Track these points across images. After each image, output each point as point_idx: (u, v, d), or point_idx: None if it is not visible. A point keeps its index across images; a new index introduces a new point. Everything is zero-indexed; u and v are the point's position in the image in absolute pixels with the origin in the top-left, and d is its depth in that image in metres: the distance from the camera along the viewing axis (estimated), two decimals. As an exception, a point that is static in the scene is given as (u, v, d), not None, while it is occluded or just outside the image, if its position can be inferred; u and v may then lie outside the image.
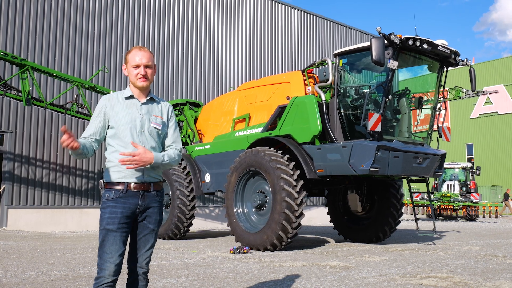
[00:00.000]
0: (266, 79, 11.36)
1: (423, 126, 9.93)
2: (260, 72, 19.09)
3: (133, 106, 3.11)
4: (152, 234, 3.11)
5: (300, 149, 9.03)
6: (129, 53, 3.13)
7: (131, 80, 3.13)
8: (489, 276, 5.79)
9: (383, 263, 6.96)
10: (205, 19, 17.93)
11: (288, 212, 8.31)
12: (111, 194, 2.99)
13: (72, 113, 12.73)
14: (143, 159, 2.93)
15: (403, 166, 8.56)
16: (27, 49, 13.94)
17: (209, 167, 11.02)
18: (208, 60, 17.73)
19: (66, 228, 13.92)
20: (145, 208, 3.05)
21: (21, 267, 6.33)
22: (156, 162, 3.00)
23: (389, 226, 10.22)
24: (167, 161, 3.08)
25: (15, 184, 13.32)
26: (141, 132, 3.06)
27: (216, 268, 6.43)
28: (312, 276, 5.74)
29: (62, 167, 14.15)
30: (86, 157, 3.05)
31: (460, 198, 22.14)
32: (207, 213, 16.88)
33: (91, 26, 15.17)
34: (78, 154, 2.92)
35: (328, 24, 22.06)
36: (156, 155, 3.01)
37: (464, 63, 9.62)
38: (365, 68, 9.76)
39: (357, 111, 9.12)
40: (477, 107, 39.20)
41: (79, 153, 2.90)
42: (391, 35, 8.34)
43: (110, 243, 2.92)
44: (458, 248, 9.14)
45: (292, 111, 9.24)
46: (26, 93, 11.70)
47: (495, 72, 38.33)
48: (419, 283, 5.30)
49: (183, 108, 12.68)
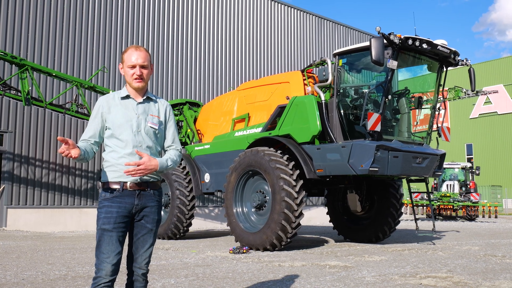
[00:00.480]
0: (265, 79, 11.35)
1: (423, 126, 9.93)
2: (259, 72, 19.09)
3: (129, 106, 3.09)
4: (151, 234, 3.08)
5: (299, 149, 9.03)
6: (125, 53, 3.09)
7: (127, 80, 3.11)
8: (488, 276, 5.79)
9: (382, 263, 6.96)
10: (205, 19, 17.92)
11: (288, 212, 8.30)
12: (107, 194, 2.99)
13: (72, 113, 12.73)
14: (148, 167, 2.93)
15: (402, 166, 8.55)
16: (27, 49, 13.93)
17: (209, 167, 11.02)
18: (207, 60, 17.73)
19: (65, 228, 13.92)
20: (141, 207, 3.03)
21: (20, 267, 6.32)
22: (161, 168, 3.02)
23: (388, 226, 10.22)
24: (171, 165, 3.10)
25: (15, 184, 13.31)
26: (138, 131, 3.04)
27: (216, 268, 6.43)
28: (312, 276, 5.74)
29: (61, 167, 14.14)
30: (87, 161, 3.08)
31: (459, 198, 22.15)
32: (206, 213, 16.87)
33: (90, 25, 15.17)
34: (80, 160, 2.94)
35: (328, 24, 22.05)
36: (160, 162, 3.01)
37: (464, 63, 9.62)
38: (365, 68, 9.76)
39: (357, 111, 9.11)
40: (477, 107, 39.22)
41: (80, 159, 2.92)
42: (390, 35, 8.33)
43: (106, 243, 2.91)
44: (457, 248, 9.14)
45: (291, 111, 9.24)
46: (26, 93, 11.69)
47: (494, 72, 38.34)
48: (418, 283, 5.30)
49: (182, 108, 12.67)
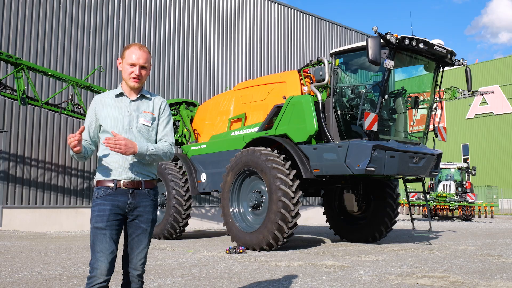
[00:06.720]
0: (262, 78, 11.34)
1: (419, 126, 9.94)
2: (256, 71, 19.08)
3: (123, 104, 3.07)
4: (145, 234, 3.04)
5: (296, 148, 9.02)
6: (127, 49, 3.05)
7: (123, 77, 3.08)
8: (485, 276, 5.79)
9: (379, 263, 6.95)
10: (202, 18, 17.89)
11: (284, 212, 8.29)
12: (101, 192, 2.97)
13: (68, 113, 12.66)
14: (128, 144, 2.84)
15: (399, 165, 8.55)
16: (22, 48, 13.87)
17: (205, 166, 10.99)
18: (204, 60, 17.70)
19: (61, 228, 13.86)
20: (135, 206, 2.99)
21: (16, 267, 6.28)
22: (140, 150, 2.90)
23: (385, 226, 10.22)
24: (153, 149, 2.97)
25: (10, 184, 13.25)
26: (129, 129, 3.01)
27: (212, 268, 6.41)
28: (308, 276, 5.73)
29: (57, 167, 14.08)
30: (85, 159, 3.05)
31: (455, 198, 22.20)
32: (203, 213, 16.84)
33: (86, 25, 15.12)
34: (79, 157, 2.94)
35: (325, 24, 22.06)
36: (139, 144, 2.92)
37: (460, 63, 9.64)
38: (362, 67, 9.76)
39: (353, 111, 9.11)
40: (473, 107, 39.33)
41: (80, 156, 2.92)
42: (387, 34, 8.33)
43: (100, 241, 2.89)
44: (454, 248, 9.15)
45: (288, 110, 9.23)
46: (21, 92, 11.62)
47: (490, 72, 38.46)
48: (415, 283, 5.29)
49: (179, 108, 12.63)
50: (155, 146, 3.01)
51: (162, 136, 3.13)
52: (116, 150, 2.84)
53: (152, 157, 2.99)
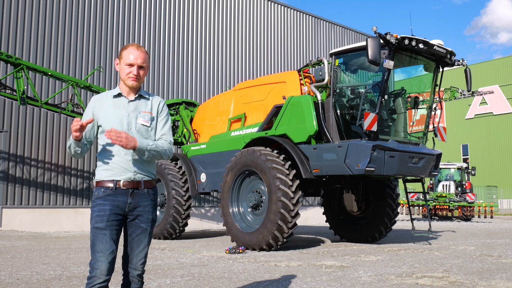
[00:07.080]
0: (262, 78, 11.34)
1: (419, 126, 9.94)
2: (256, 71, 19.08)
3: (121, 104, 3.07)
4: (145, 234, 3.05)
5: (296, 148, 9.02)
6: (124, 49, 3.06)
7: (121, 77, 3.08)
8: (484, 276, 5.80)
9: (378, 263, 6.95)
10: (201, 18, 17.89)
11: (284, 212, 8.29)
12: (100, 192, 2.98)
13: (67, 113, 12.66)
14: (129, 138, 2.87)
15: (398, 166, 8.56)
16: (22, 48, 13.86)
17: (205, 167, 10.99)
18: (204, 60, 17.70)
19: (61, 228, 13.86)
20: (134, 206, 3.00)
21: (15, 267, 6.28)
22: (140, 146, 2.92)
23: (384, 226, 10.22)
24: (153, 145, 2.98)
25: (10, 184, 13.24)
26: (128, 129, 3.01)
27: (212, 268, 6.41)
28: (308, 276, 5.73)
29: (57, 167, 14.08)
30: (80, 156, 3.05)
31: (455, 198, 22.20)
32: (202, 213, 16.84)
33: (86, 25, 15.11)
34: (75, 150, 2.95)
35: (324, 24, 22.07)
36: (140, 140, 2.94)
37: (460, 63, 9.64)
38: (361, 68, 9.76)
39: (353, 111, 9.11)
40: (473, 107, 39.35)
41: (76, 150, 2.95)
42: (387, 34, 8.34)
43: (100, 241, 2.90)
44: (453, 248, 9.15)
45: (288, 110, 9.23)
46: (21, 92, 11.62)
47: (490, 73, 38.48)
48: (414, 283, 5.30)
49: (178, 108, 12.63)
50: (155, 142, 3.04)
51: (161, 135, 3.14)
52: (117, 142, 2.85)
53: (151, 152, 2.99)
